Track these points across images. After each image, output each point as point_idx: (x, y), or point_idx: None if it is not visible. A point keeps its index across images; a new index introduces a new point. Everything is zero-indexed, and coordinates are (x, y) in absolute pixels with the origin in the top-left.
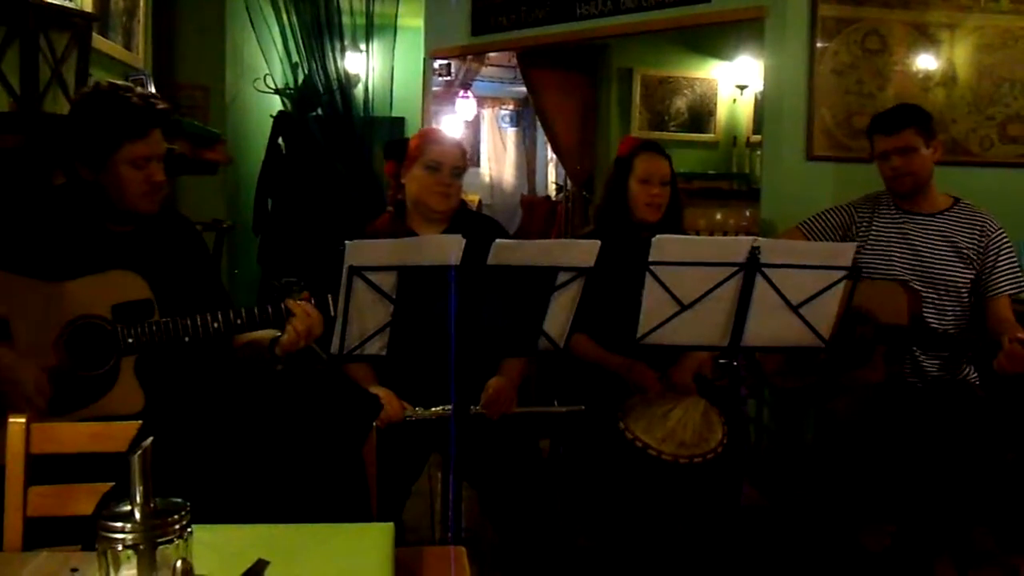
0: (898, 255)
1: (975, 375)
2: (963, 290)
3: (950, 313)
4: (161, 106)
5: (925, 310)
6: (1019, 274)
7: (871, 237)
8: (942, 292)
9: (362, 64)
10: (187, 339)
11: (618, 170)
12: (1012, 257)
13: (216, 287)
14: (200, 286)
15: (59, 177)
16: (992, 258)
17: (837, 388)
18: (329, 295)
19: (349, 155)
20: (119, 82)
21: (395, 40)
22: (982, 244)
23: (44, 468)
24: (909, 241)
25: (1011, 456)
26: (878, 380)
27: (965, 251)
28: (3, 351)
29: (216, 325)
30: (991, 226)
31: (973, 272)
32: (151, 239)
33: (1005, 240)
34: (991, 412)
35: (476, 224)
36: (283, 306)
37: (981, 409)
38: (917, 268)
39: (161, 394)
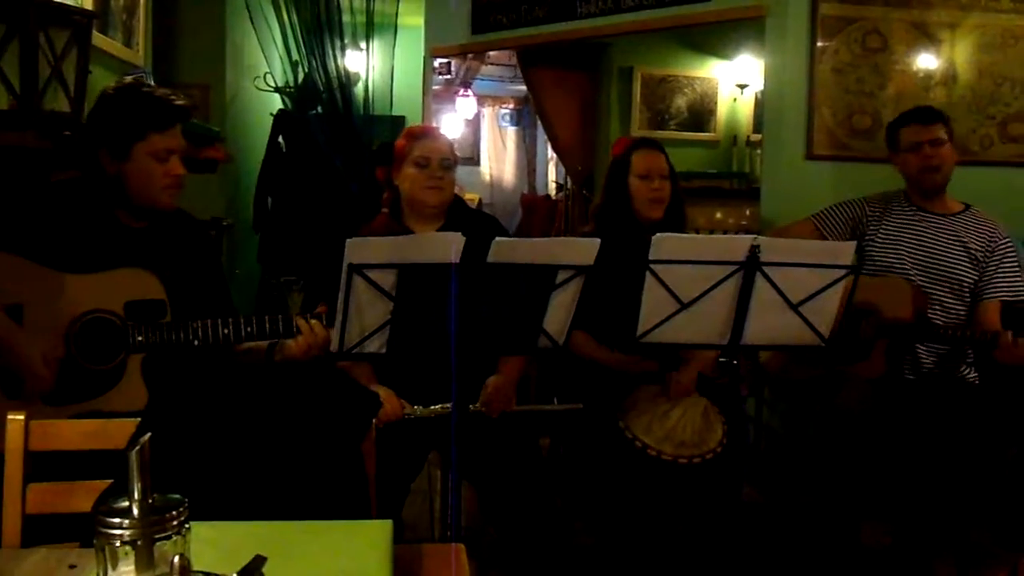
0: (908, 251)
1: (974, 375)
2: (967, 289)
3: (952, 311)
4: (181, 102)
5: (930, 306)
6: (1018, 283)
7: (881, 232)
8: (947, 290)
9: (362, 62)
10: (196, 343)
11: (615, 169)
12: (1015, 266)
13: (223, 290)
14: (209, 288)
15: (57, 175)
16: (996, 262)
17: (841, 382)
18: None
19: (349, 153)
20: (139, 81)
21: (395, 38)
22: (990, 248)
23: (43, 465)
24: (920, 238)
25: (1012, 452)
26: (876, 375)
27: (974, 252)
28: (14, 329)
29: (227, 332)
30: (999, 233)
31: (978, 273)
32: (165, 237)
33: (1010, 248)
34: (990, 408)
35: (474, 221)
36: (294, 321)
37: (980, 406)
38: (927, 264)
39: (164, 393)
